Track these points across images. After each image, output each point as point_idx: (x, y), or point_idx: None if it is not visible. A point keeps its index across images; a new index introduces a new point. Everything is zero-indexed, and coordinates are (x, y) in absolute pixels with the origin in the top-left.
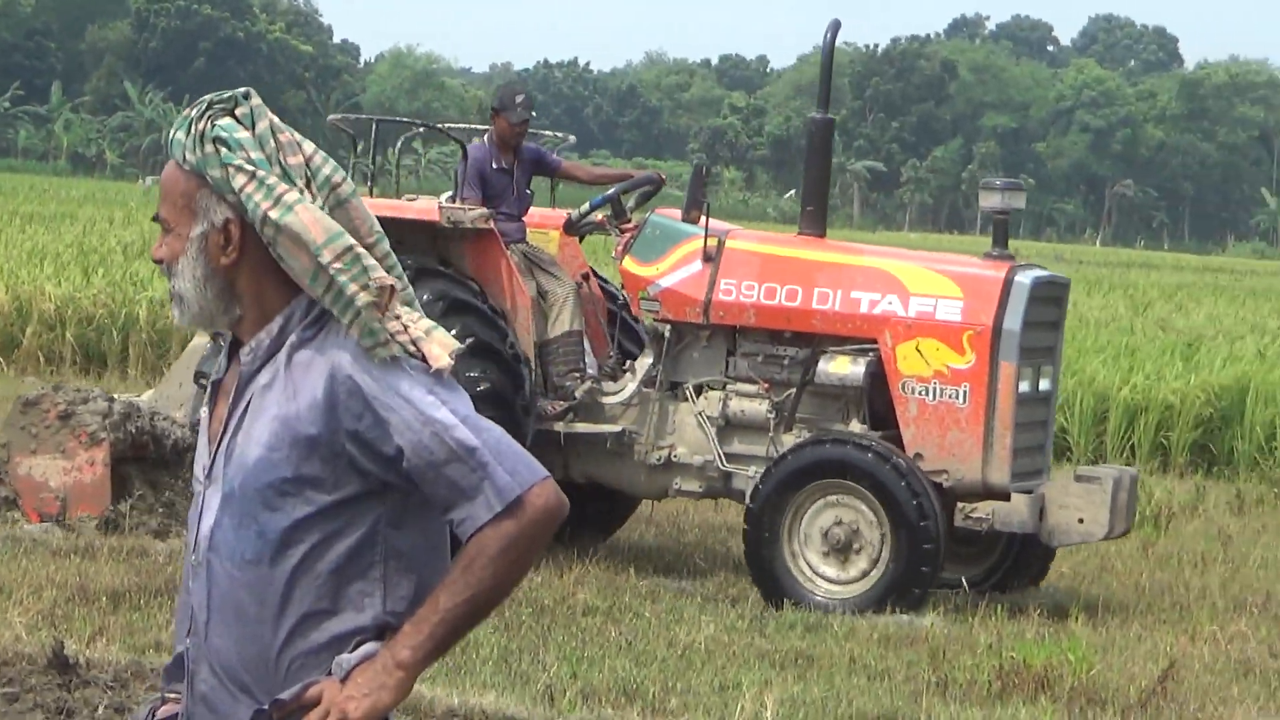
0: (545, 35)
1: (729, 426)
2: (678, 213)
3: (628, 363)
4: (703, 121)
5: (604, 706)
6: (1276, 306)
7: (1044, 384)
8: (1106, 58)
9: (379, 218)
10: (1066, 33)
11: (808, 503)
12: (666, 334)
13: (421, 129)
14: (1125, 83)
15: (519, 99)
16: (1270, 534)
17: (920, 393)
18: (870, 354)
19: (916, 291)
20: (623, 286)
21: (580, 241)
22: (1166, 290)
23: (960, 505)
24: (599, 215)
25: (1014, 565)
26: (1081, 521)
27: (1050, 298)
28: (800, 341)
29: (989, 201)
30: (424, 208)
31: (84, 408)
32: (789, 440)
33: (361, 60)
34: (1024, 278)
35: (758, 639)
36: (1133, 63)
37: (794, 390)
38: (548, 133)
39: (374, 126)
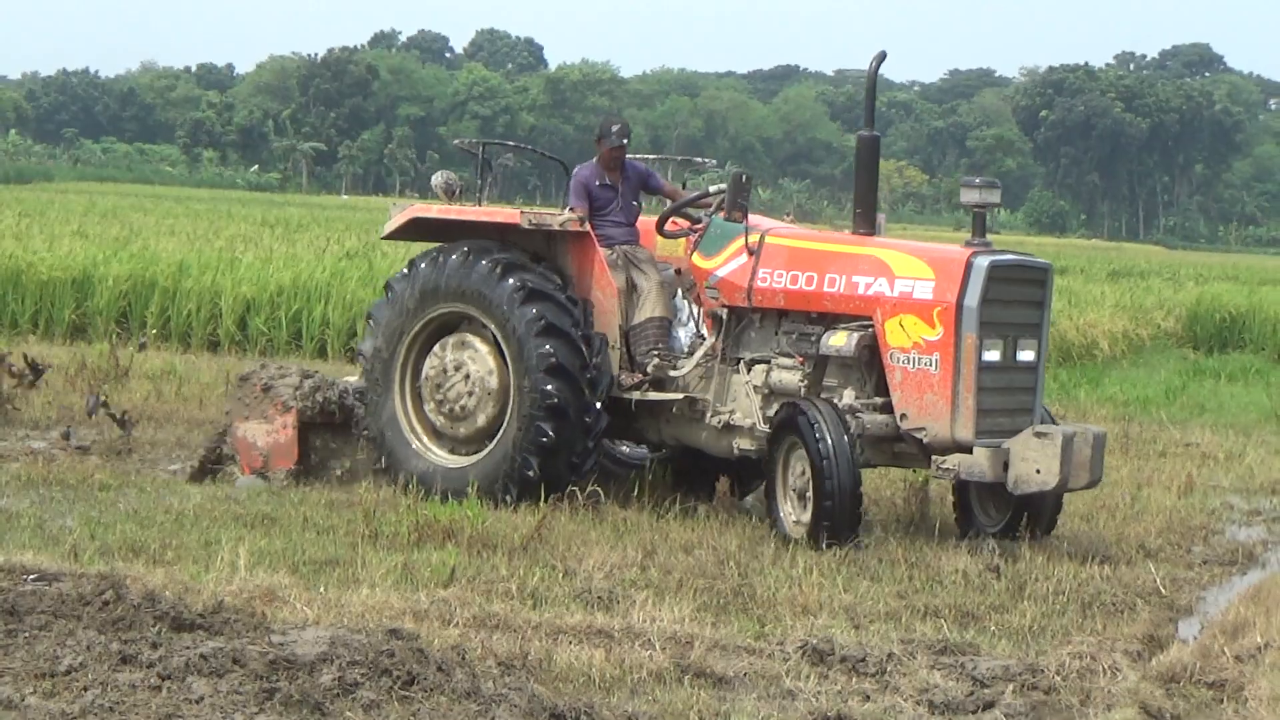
0: (63, 46)
1: (771, 394)
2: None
3: (693, 342)
4: (187, 114)
5: (117, 560)
6: None
7: (1023, 355)
8: (491, 62)
9: (478, 223)
10: (460, 42)
11: (784, 458)
12: (724, 316)
13: (529, 151)
14: (505, 81)
15: (614, 128)
16: None
17: (903, 361)
18: (867, 329)
19: (900, 274)
20: (692, 277)
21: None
22: None
23: (934, 458)
24: (671, 220)
25: (1027, 518)
26: (1038, 472)
27: (1019, 279)
28: (823, 321)
29: (969, 197)
30: (509, 214)
31: (281, 381)
32: None
33: None
34: (982, 260)
35: (233, 505)
36: (510, 65)
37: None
38: (696, 159)
39: (481, 148)
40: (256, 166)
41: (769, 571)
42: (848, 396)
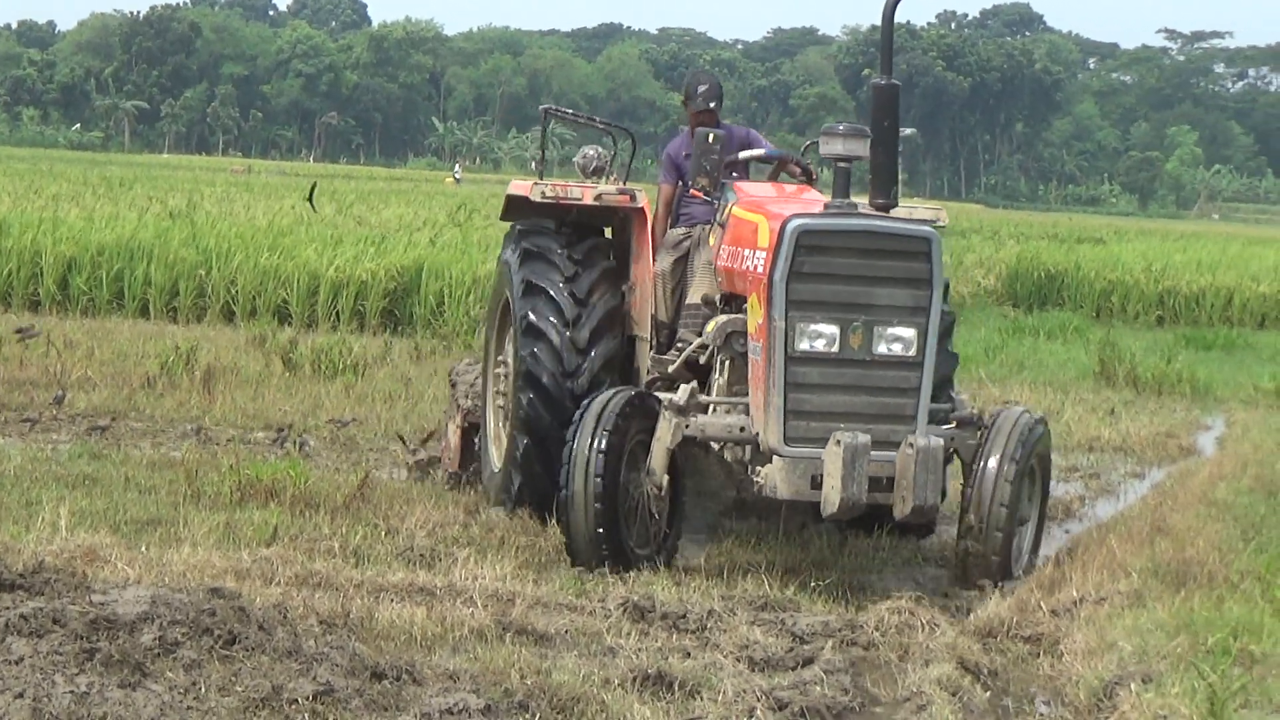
0: None
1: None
2: (748, 184)
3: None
4: (7, 72)
5: None
6: (444, 205)
7: (888, 347)
8: (314, 19)
9: (514, 196)
10: (283, 0)
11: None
12: (717, 302)
13: (590, 122)
14: (329, 39)
15: (701, 89)
16: (440, 376)
17: (751, 350)
18: (740, 313)
19: (759, 245)
20: None
21: None
22: (363, 195)
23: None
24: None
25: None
26: (834, 489)
27: (872, 249)
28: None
29: (830, 148)
30: (522, 185)
31: (462, 378)
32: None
33: None
34: (793, 224)
35: (55, 466)
36: (334, 23)
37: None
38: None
39: (544, 116)
40: (79, 125)
41: None
42: (682, 393)
